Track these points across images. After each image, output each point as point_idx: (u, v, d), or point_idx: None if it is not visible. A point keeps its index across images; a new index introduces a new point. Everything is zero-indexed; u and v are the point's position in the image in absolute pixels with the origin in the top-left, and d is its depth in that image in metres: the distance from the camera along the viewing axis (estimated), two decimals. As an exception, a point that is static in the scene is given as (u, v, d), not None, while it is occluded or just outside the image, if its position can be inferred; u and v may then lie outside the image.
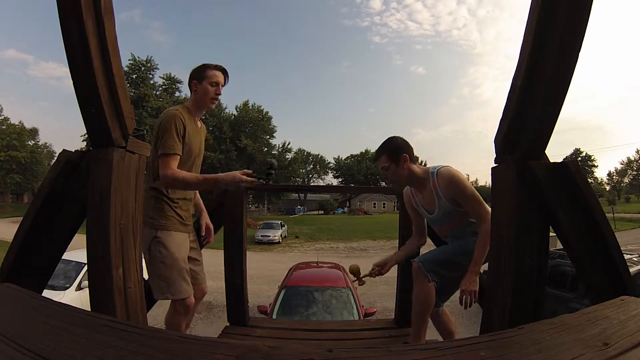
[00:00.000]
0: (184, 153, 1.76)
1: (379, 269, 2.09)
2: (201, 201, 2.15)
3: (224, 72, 1.91)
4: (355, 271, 2.18)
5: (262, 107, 42.25)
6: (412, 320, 2.00)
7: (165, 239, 1.76)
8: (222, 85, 1.91)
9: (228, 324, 2.57)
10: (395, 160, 1.83)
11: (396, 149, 1.84)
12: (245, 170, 1.71)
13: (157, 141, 1.73)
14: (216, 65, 1.89)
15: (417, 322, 1.93)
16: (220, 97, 1.92)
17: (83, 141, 28.65)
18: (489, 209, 1.59)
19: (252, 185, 1.74)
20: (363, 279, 2.13)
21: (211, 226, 2.18)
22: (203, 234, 2.12)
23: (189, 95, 1.93)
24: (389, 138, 1.90)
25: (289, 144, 46.58)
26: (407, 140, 1.89)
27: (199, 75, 1.86)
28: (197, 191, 2.11)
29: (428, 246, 2.15)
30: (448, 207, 1.83)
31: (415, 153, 1.89)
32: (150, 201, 1.80)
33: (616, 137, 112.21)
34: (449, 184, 1.79)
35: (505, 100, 1.28)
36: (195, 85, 1.87)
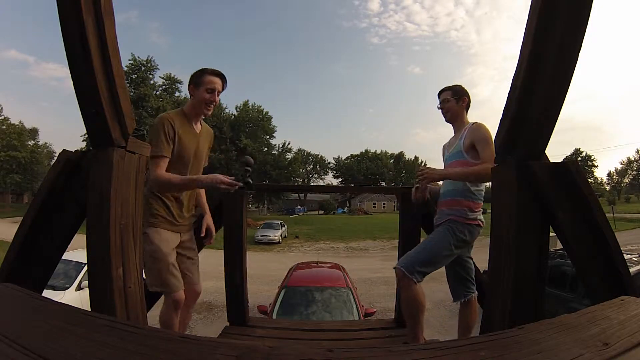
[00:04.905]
0: (174, 155, 1.79)
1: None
2: (206, 202, 2.16)
3: (222, 77, 1.88)
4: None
5: (262, 107, 42.24)
6: (406, 323, 2.05)
7: (151, 235, 1.80)
8: (220, 92, 1.88)
9: (228, 324, 2.57)
10: (457, 98, 2.16)
11: (462, 91, 2.17)
12: (226, 176, 1.70)
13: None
14: (214, 71, 1.86)
15: (411, 324, 1.98)
16: (216, 103, 1.89)
17: (83, 141, 28.56)
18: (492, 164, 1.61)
19: (230, 189, 1.69)
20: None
21: (212, 228, 2.17)
22: (203, 235, 2.11)
23: (189, 96, 1.92)
24: (457, 84, 2.22)
25: (289, 144, 46.59)
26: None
27: (196, 80, 1.84)
28: (203, 192, 2.15)
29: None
30: (460, 148, 2.03)
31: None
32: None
33: (616, 137, 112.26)
34: (477, 128, 2.00)
35: (505, 100, 1.28)
36: (192, 90, 1.86)
